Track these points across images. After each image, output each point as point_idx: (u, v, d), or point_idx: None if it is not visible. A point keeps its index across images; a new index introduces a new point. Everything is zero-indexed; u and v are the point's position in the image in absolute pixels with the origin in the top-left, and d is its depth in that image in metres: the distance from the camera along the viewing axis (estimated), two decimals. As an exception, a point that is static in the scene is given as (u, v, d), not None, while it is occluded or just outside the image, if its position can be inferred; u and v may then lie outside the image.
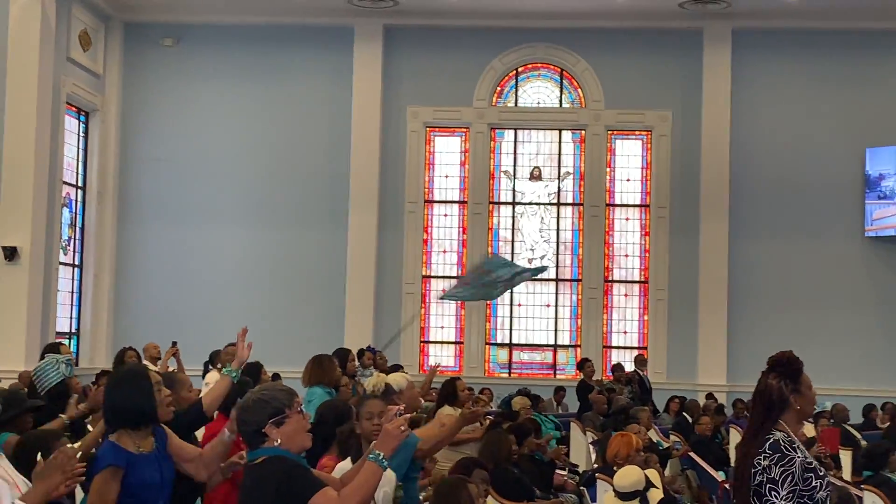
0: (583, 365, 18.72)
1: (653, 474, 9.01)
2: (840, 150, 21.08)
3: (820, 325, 20.67)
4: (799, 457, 4.69)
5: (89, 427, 8.09)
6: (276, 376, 16.33)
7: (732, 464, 10.62)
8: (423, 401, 10.55)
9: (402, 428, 4.43)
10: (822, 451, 13.15)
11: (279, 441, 4.45)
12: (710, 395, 18.95)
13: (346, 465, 6.02)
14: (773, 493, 4.65)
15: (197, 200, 21.43)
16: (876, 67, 21.16)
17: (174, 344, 14.03)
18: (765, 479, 4.68)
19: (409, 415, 4.54)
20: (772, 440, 4.74)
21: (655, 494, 8.79)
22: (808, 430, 14.46)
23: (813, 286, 20.96)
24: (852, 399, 18.12)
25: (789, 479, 4.64)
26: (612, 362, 20.50)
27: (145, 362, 13.97)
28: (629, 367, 19.13)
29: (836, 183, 21.06)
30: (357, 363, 14.78)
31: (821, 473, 4.75)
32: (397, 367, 15.28)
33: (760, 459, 4.71)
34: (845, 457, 14.45)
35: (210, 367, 13.63)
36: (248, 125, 21.60)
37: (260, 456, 4.47)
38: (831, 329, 20.65)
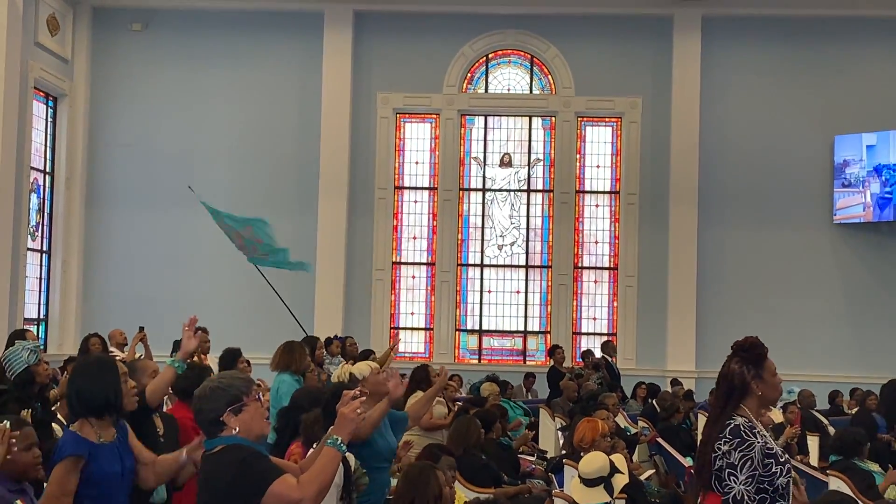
0: (553, 351, 18.73)
1: (619, 460, 8.99)
2: (809, 137, 21.14)
3: (788, 311, 20.76)
4: (759, 442, 4.70)
5: (59, 415, 8.00)
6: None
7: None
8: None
9: (359, 411, 4.40)
10: (794, 433, 13.19)
11: (237, 429, 4.40)
12: (675, 382, 18.97)
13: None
14: (731, 477, 4.66)
15: (165, 186, 21.28)
16: (845, 55, 21.22)
17: (141, 329, 13.90)
18: (724, 464, 4.69)
19: (363, 398, 4.49)
20: (732, 425, 4.74)
21: (621, 480, 8.77)
22: (776, 416, 14.49)
23: (782, 273, 21.03)
24: (819, 385, 18.22)
25: (748, 464, 4.65)
26: (582, 349, 20.55)
27: (111, 349, 13.87)
28: (598, 353, 19.13)
29: (804, 170, 21.13)
30: (325, 352, 14.74)
31: (781, 459, 4.75)
32: (368, 353, 15.24)
33: (721, 444, 4.72)
34: (812, 442, 14.51)
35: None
36: (217, 111, 21.47)
37: (217, 445, 4.42)
38: (799, 315, 20.74)
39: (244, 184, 21.35)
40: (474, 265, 21.89)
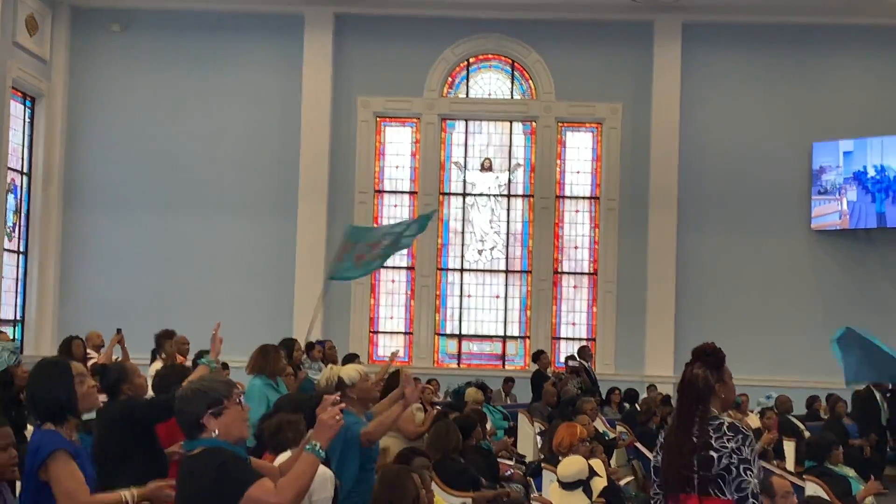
0: (538, 356, 18.74)
1: (597, 464, 9.02)
2: (788, 144, 21.23)
3: (766, 317, 20.84)
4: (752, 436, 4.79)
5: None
6: (224, 366, 16.29)
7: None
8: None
9: (338, 418, 4.41)
10: (772, 439, 13.25)
11: (217, 432, 4.41)
12: (652, 387, 19.01)
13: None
14: (747, 472, 4.69)
15: (143, 189, 21.23)
16: (823, 62, 21.34)
17: (119, 331, 13.87)
18: (737, 461, 4.70)
19: (342, 404, 4.50)
20: (727, 423, 4.79)
21: (599, 483, 8.81)
22: (753, 421, 14.56)
23: (760, 279, 21.11)
24: (797, 390, 18.28)
25: (755, 458, 4.73)
26: (561, 353, 20.61)
27: (88, 351, 13.83)
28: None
29: (783, 177, 21.22)
30: (305, 356, 14.69)
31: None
32: (353, 357, 15.21)
33: (724, 442, 4.73)
34: (788, 447, 14.58)
35: (157, 355, 13.47)
36: (197, 113, 21.42)
37: (197, 447, 4.42)
38: (777, 321, 20.82)
39: (223, 186, 21.30)
40: (454, 270, 21.90)
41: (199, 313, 19.47)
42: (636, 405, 17.16)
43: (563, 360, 19.83)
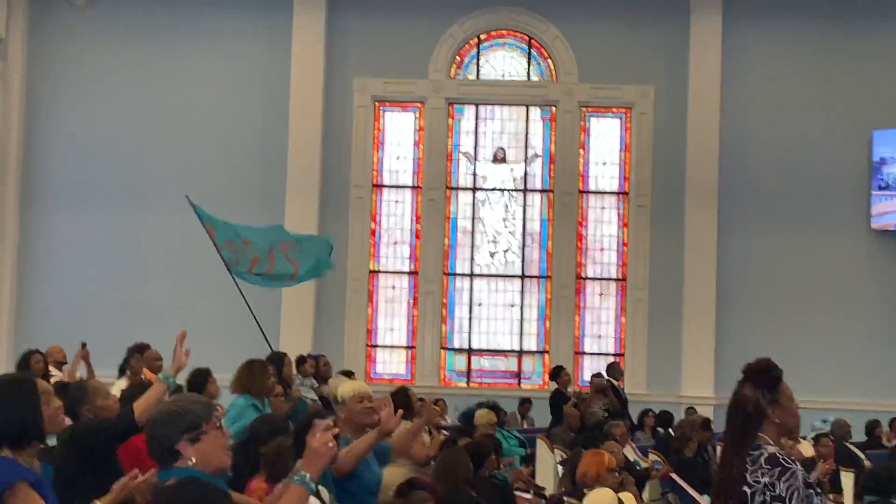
0: (558, 373, 18.69)
1: (627, 498, 8.98)
2: (844, 132, 21.17)
3: (820, 329, 20.77)
4: (800, 470, 4.71)
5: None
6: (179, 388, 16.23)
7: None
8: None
9: (331, 445, 4.37)
10: (828, 469, 13.17)
11: (193, 460, 4.36)
12: (691, 409, 18.94)
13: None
14: None
15: (113, 182, 21.23)
16: (885, 39, 21.25)
17: (83, 345, 13.85)
18: (768, 498, 4.66)
19: (336, 430, 4.47)
20: (767, 454, 4.73)
21: (631, 521, 8.75)
22: (807, 449, 14.49)
23: (812, 286, 21.05)
24: (856, 413, 18.19)
25: (795, 494, 4.66)
26: (586, 370, 20.59)
27: (50, 368, 13.80)
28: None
29: (839, 169, 21.16)
30: (295, 371, 14.69)
31: (818, 492, 4.76)
32: (348, 374, 15.20)
33: (758, 476, 4.69)
34: (846, 479, 14.49)
35: (124, 372, 13.45)
36: (171, 98, 21.41)
37: (171, 477, 4.38)
38: (832, 334, 20.75)
39: (201, 180, 21.24)
40: (463, 275, 21.88)
41: (176, 324, 19.43)
42: (671, 430, 17.10)
43: (587, 377, 19.76)
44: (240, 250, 15.99)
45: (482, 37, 22.01)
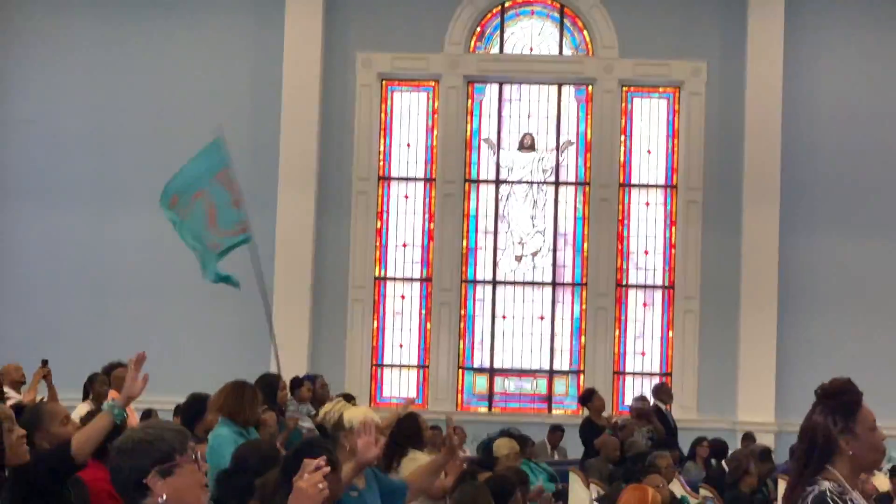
0: (589, 397, 18.64)
1: (675, 541, 8.97)
2: (927, 117, 21.16)
3: (899, 345, 20.76)
4: None
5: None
6: (147, 413, 16.26)
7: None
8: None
9: (321, 486, 4.36)
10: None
11: (164, 497, 4.36)
12: (748, 437, 18.92)
13: None
14: None
15: (79, 174, 21.29)
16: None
17: (44, 364, 13.87)
18: None
19: (327, 469, 4.45)
20: (816, 492, 4.72)
21: (678, 567, 8.75)
22: (882, 482, 14.45)
23: (890, 295, 21.00)
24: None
25: None
26: (626, 393, 20.53)
27: (5, 389, 13.84)
28: (649, 399, 19.09)
29: (923, 159, 21.15)
30: (290, 396, 14.69)
31: None
32: (348, 399, 15.19)
33: None
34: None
35: (88, 395, 13.48)
36: (147, 78, 21.44)
37: (137, 517, 4.38)
38: (916, 351, 20.73)
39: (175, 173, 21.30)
40: (484, 282, 21.89)
41: (149, 339, 19.49)
42: (724, 461, 17.08)
43: (629, 401, 19.73)
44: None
45: (506, 4, 22.04)
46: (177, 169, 21.07)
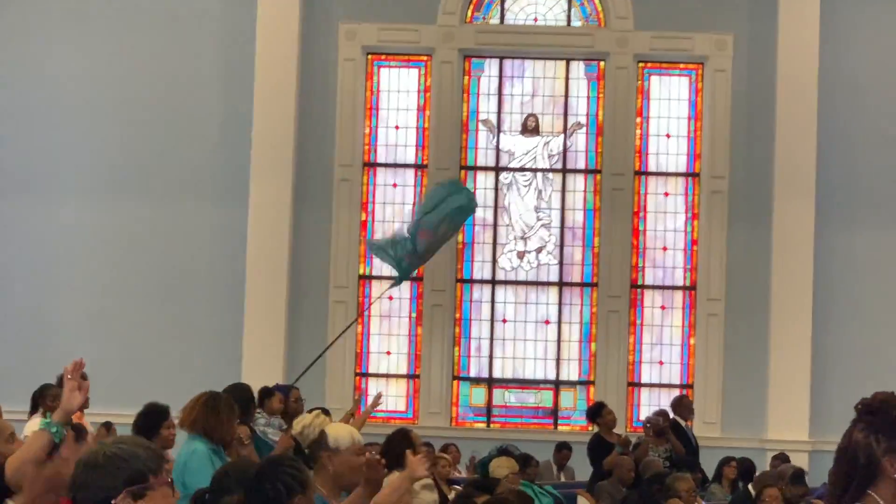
0: (599, 411, 18.71)
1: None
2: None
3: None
4: None
5: None
6: (107, 425, 16.36)
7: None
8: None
9: None
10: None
11: (132, 521, 4.46)
12: (780, 457, 19.00)
13: None
14: None
15: (32, 162, 21.29)
16: None
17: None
18: None
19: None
20: None
21: None
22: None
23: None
24: None
25: None
26: (642, 406, 20.58)
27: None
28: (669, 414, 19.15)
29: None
30: (258, 409, 14.74)
31: None
32: (325, 412, 15.25)
33: None
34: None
35: (38, 408, 13.56)
36: (107, 54, 21.44)
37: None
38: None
39: (140, 158, 21.35)
40: (482, 282, 21.97)
41: (108, 346, 19.60)
42: (749, 485, 17.16)
43: (644, 417, 19.79)
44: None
45: (508, -31, 22.14)
46: (130, 153, 21.22)
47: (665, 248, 21.88)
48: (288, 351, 20.96)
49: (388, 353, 21.87)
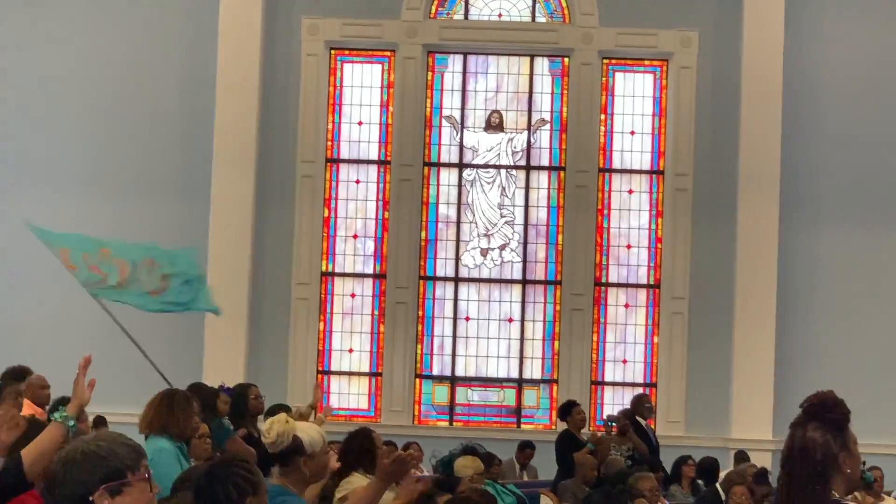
0: (569, 410, 18.69)
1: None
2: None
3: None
4: None
5: None
6: (100, 420, 16.31)
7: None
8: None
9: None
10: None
11: (109, 518, 4.45)
12: (741, 455, 19.05)
13: None
14: None
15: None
16: None
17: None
18: None
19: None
20: None
21: None
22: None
23: (904, 296, 21.18)
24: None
25: None
26: (605, 404, 20.60)
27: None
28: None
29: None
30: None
31: None
32: (284, 408, 15.23)
33: None
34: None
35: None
36: (68, 51, 21.36)
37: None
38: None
39: (101, 154, 21.29)
40: (445, 279, 21.97)
41: (64, 342, 19.51)
42: (717, 484, 17.21)
43: (604, 415, 19.82)
44: (103, 263, 16.17)
45: (472, -35, 22.13)
46: (84, 150, 21.13)
47: (629, 246, 21.92)
48: (249, 349, 20.93)
49: (351, 350, 21.86)
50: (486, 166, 22.08)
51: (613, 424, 18.13)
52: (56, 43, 21.44)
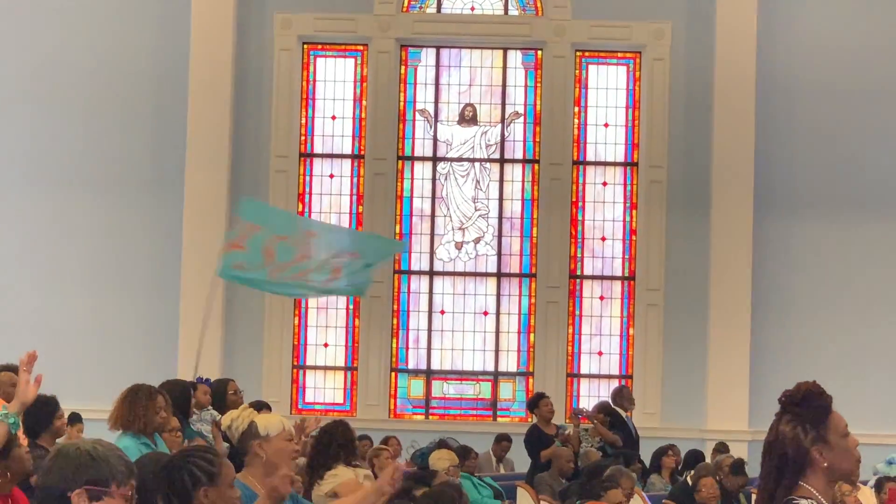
0: (536, 403, 18.78)
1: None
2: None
3: (888, 346, 20.94)
4: None
5: None
6: (75, 417, 16.31)
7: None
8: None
9: None
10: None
11: (81, 519, 4.54)
12: (721, 446, 19.13)
13: None
14: None
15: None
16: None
17: None
18: None
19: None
20: None
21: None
22: (867, 496, 14.74)
23: (878, 289, 21.20)
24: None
25: None
26: (580, 397, 20.65)
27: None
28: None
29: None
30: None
31: None
32: (262, 406, 15.30)
33: None
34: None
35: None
36: (39, 44, 21.29)
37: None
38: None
39: (73, 149, 21.25)
40: (420, 272, 22.03)
41: (40, 341, 19.49)
42: (688, 477, 17.28)
43: (578, 407, 19.85)
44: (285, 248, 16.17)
45: (445, -42, 22.17)
46: (57, 145, 21.10)
47: (604, 239, 21.97)
48: (224, 345, 20.92)
49: (326, 345, 21.88)
50: (459, 160, 22.13)
51: (582, 416, 18.26)
52: (29, 39, 21.39)
